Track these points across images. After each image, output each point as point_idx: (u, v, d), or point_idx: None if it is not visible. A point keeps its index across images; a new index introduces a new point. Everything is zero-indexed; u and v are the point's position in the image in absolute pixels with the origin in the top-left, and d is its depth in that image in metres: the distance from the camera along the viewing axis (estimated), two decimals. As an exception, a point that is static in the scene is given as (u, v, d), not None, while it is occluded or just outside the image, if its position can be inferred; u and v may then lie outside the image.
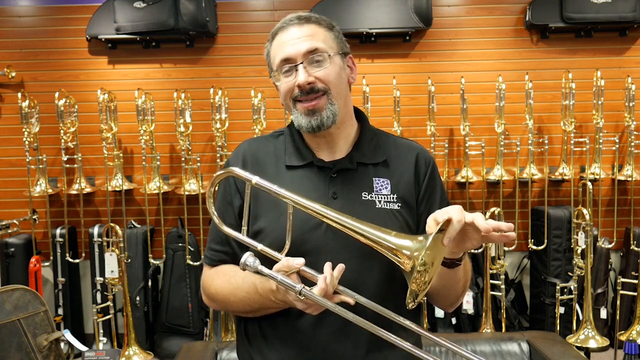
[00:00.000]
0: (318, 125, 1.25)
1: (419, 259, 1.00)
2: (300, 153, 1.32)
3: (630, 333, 3.24)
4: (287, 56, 1.25)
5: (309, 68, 1.24)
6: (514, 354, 1.94)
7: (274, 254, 1.16)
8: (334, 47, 1.29)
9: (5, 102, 3.77)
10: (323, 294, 1.08)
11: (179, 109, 3.51)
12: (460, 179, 3.58)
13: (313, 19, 1.29)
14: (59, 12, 3.73)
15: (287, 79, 1.26)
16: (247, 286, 1.24)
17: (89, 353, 2.13)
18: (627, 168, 3.55)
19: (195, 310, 3.57)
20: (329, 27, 1.31)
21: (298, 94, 1.25)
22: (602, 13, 3.47)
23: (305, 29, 1.27)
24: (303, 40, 1.25)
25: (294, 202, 1.14)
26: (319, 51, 1.25)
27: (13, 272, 3.51)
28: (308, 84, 1.23)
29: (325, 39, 1.28)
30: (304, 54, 1.24)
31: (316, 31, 1.28)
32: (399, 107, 3.56)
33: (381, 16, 3.52)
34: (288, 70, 1.26)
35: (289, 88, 1.26)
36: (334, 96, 1.26)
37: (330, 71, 1.26)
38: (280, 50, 1.27)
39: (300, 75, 1.23)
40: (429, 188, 1.33)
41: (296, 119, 1.28)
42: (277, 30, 1.30)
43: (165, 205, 3.69)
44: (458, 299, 1.32)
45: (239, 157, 1.35)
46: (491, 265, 3.30)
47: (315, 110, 1.25)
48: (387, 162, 1.33)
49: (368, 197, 1.28)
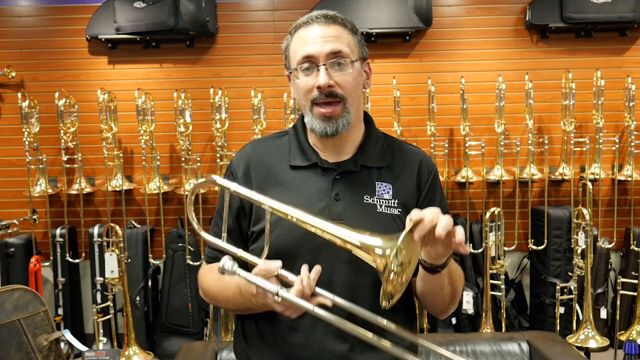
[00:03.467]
0: (333, 132, 1.26)
1: (391, 257, 1.00)
2: (305, 154, 1.33)
3: (630, 333, 3.24)
4: (309, 54, 1.24)
5: (331, 70, 1.24)
6: (514, 354, 1.94)
7: (252, 258, 1.17)
8: (356, 52, 1.28)
9: (5, 102, 3.77)
10: (300, 295, 1.08)
11: (179, 109, 3.51)
12: (460, 179, 3.58)
13: (339, 20, 1.28)
14: (59, 12, 3.73)
15: (306, 78, 1.26)
16: (232, 287, 1.24)
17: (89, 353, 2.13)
18: (627, 168, 3.55)
19: (195, 310, 3.57)
20: (353, 31, 1.30)
21: (317, 96, 1.25)
22: (602, 13, 3.47)
23: (330, 29, 1.26)
24: (328, 40, 1.24)
25: (272, 208, 1.15)
26: (342, 54, 1.24)
27: (13, 272, 3.51)
28: (328, 86, 1.23)
29: (349, 42, 1.27)
30: (327, 55, 1.24)
31: (341, 33, 1.27)
32: (399, 107, 3.56)
33: (381, 16, 3.52)
34: (308, 68, 1.25)
35: (308, 88, 1.26)
36: (350, 104, 1.27)
37: (350, 78, 1.26)
38: (302, 46, 1.26)
39: (322, 77, 1.23)
40: (429, 195, 1.34)
41: (310, 121, 1.28)
42: (300, 25, 1.29)
43: (165, 205, 3.69)
44: (446, 307, 1.30)
45: (242, 158, 1.36)
46: (491, 265, 3.30)
47: (331, 117, 1.25)
48: (391, 166, 1.33)
49: (370, 200, 1.28)
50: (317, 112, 1.26)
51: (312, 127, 1.28)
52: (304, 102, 1.28)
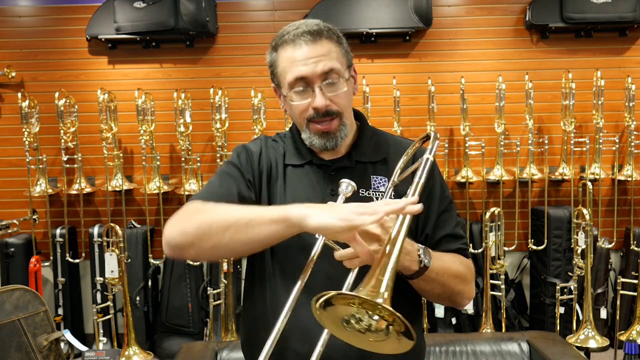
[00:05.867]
0: (333, 146, 1.28)
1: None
2: (300, 152, 1.34)
3: (630, 333, 3.24)
4: (302, 75, 1.24)
5: (325, 90, 1.24)
6: (514, 354, 1.94)
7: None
8: (344, 63, 1.29)
9: (5, 102, 3.77)
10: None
11: (179, 109, 3.51)
12: (460, 179, 3.58)
13: (325, 34, 1.27)
14: (59, 12, 3.73)
15: (301, 99, 1.26)
16: (262, 213, 1.12)
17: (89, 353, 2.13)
18: (627, 168, 3.55)
19: (195, 310, 3.57)
20: (339, 42, 1.30)
21: (313, 116, 1.26)
22: (602, 13, 3.47)
23: (318, 47, 1.25)
24: (319, 60, 1.24)
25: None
26: (335, 72, 1.25)
27: (13, 272, 3.51)
28: (325, 106, 1.25)
29: (337, 55, 1.27)
30: (320, 75, 1.24)
31: (329, 48, 1.26)
32: (399, 107, 3.56)
33: (381, 16, 3.52)
34: (302, 90, 1.25)
35: (304, 109, 1.27)
36: (346, 117, 1.29)
37: (345, 95, 1.27)
38: (293, 67, 1.25)
39: (318, 100, 1.23)
40: (428, 185, 1.32)
41: (308, 137, 1.29)
42: (285, 42, 1.27)
43: (165, 205, 3.69)
44: (446, 303, 1.29)
45: (255, 145, 1.37)
46: (491, 265, 3.30)
47: (329, 132, 1.27)
48: (386, 160, 1.34)
49: (365, 194, 1.29)
50: (314, 129, 1.27)
51: (312, 143, 1.29)
52: (299, 120, 1.29)
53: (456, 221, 1.34)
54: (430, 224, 1.30)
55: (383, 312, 0.85)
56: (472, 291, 1.30)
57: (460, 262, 1.28)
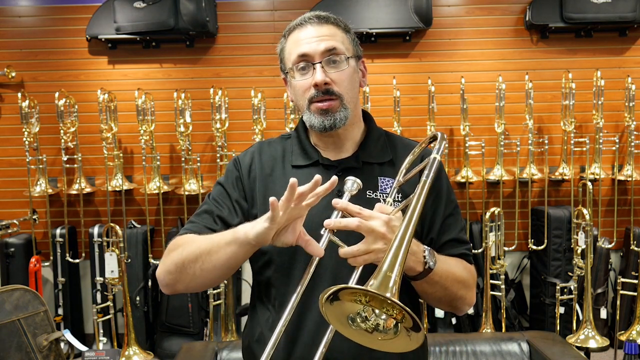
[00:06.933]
0: (331, 125, 1.27)
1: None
2: (307, 153, 1.34)
3: (630, 333, 3.24)
4: (304, 52, 1.26)
5: (326, 68, 1.25)
6: (514, 354, 1.94)
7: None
8: (350, 49, 1.30)
9: (5, 102, 3.77)
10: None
11: (179, 109, 3.51)
12: (460, 179, 3.58)
13: (332, 20, 1.30)
14: (59, 12, 3.73)
15: (302, 77, 1.27)
16: (229, 236, 1.16)
17: (89, 353, 2.13)
18: (627, 168, 3.55)
19: (195, 310, 3.57)
20: (346, 30, 1.32)
21: (314, 95, 1.26)
22: (602, 13, 3.47)
23: (324, 28, 1.28)
24: (322, 39, 1.26)
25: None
26: (337, 51, 1.26)
27: (13, 272, 3.51)
28: (325, 84, 1.25)
29: (343, 40, 1.29)
30: (322, 53, 1.25)
31: (334, 32, 1.28)
32: (399, 107, 3.56)
33: (381, 16, 3.52)
34: (304, 67, 1.27)
35: (305, 87, 1.27)
36: (347, 101, 1.28)
37: (346, 75, 1.27)
38: (297, 47, 1.28)
39: (318, 75, 1.24)
40: (435, 187, 1.32)
41: (308, 118, 1.29)
42: (294, 27, 1.31)
43: (165, 205, 3.69)
44: (445, 307, 1.29)
45: (247, 155, 1.38)
46: (491, 265, 3.30)
47: (329, 110, 1.26)
48: (393, 161, 1.33)
49: (372, 195, 1.28)
50: (314, 108, 1.27)
51: (311, 123, 1.29)
52: (302, 101, 1.29)
53: (461, 226, 1.34)
54: (436, 227, 1.30)
55: (391, 308, 0.84)
56: (474, 297, 1.30)
57: (464, 267, 1.28)
